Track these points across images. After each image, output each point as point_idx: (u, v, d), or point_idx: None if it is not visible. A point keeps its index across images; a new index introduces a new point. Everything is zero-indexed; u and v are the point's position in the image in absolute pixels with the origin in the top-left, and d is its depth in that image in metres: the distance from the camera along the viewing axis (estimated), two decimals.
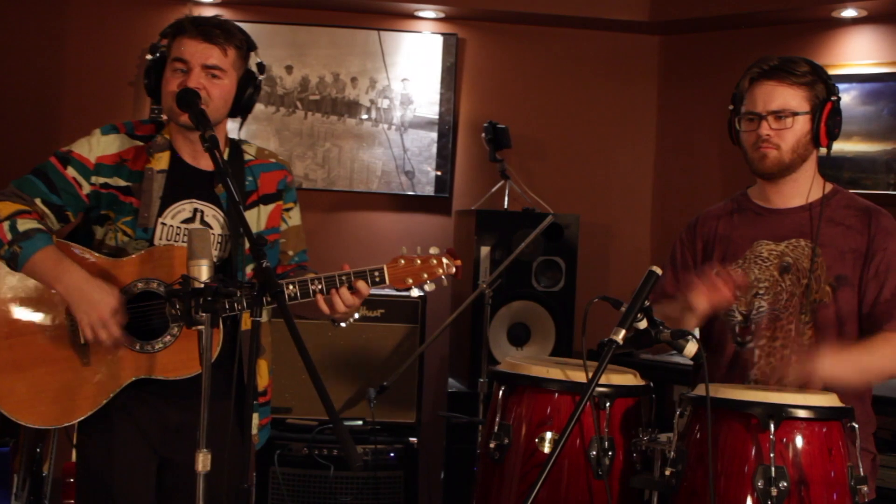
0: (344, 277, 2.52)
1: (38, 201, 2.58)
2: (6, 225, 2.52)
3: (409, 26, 5.01)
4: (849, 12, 4.50)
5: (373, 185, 4.98)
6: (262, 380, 2.74)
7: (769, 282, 2.69)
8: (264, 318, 2.63)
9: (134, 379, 2.56)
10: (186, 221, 2.66)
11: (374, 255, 2.82)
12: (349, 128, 4.95)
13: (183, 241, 2.64)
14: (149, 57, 2.75)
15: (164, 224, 2.64)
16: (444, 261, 2.58)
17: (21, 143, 4.65)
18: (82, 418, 2.55)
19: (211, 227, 2.68)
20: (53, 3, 4.83)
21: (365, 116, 4.95)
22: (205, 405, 2.23)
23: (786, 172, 2.69)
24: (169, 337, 2.57)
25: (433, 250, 2.59)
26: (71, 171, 2.62)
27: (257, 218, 2.76)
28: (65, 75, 4.81)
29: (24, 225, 2.52)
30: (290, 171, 2.83)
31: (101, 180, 2.63)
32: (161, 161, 2.66)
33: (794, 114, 2.63)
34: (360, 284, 2.52)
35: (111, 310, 2.48)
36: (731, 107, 2.77)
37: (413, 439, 4.03)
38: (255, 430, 2.70)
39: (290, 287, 2.51)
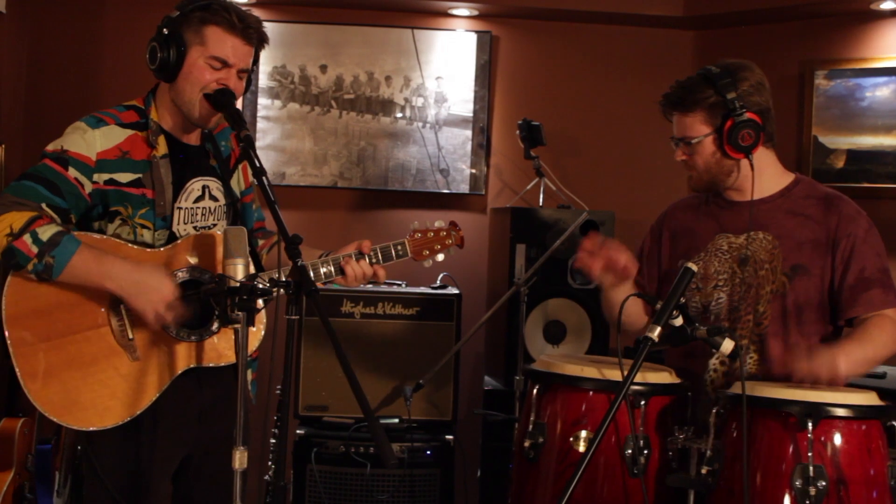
0: (373, 255, 2.67)
1: (43, 205, 2.43)
2: (28, 238, 2.37)
3: (442, 24, 5.01)
4: (887, 4, 4.43)
5: (408, 183, 4.98)
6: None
7: (727, 274, 2.72)
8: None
9: (187, 368, 2.57)
10: (198, 200, 2.66)
11: None
12: (384, 126, 4.96)
13: (202, 221, 2.66)
14: (165, 31, 2.59)
15: (179, 208, 2.61)
16: (452, 232, 2.78)
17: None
18: (138, 413, 2.51)
19: (217, 200, 2.71)
20: (91, 7, 4.88)
21: (399, 115, 4.96)
22: (240, 403, 2.25)
23: (714, 187, 2.78)
24: (216, 324, 2.58)
25: (438, 223, 2.77)
26: (72, 172, 2.48)
27: (238, 179, 2.80)
28: (102, 74, 4.86)
29: (45, 232, 2.39)
30: None
31: (105, 177, 2.52)
32: (161, 146, 2.61)
33: (693, 140, 2.71)
34: (380, 271, 2.69)
35: (172, 293, 2.45)
36: None
37: (449, 437, 4.03)
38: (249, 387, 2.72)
39: (324, 268, 2.63)
